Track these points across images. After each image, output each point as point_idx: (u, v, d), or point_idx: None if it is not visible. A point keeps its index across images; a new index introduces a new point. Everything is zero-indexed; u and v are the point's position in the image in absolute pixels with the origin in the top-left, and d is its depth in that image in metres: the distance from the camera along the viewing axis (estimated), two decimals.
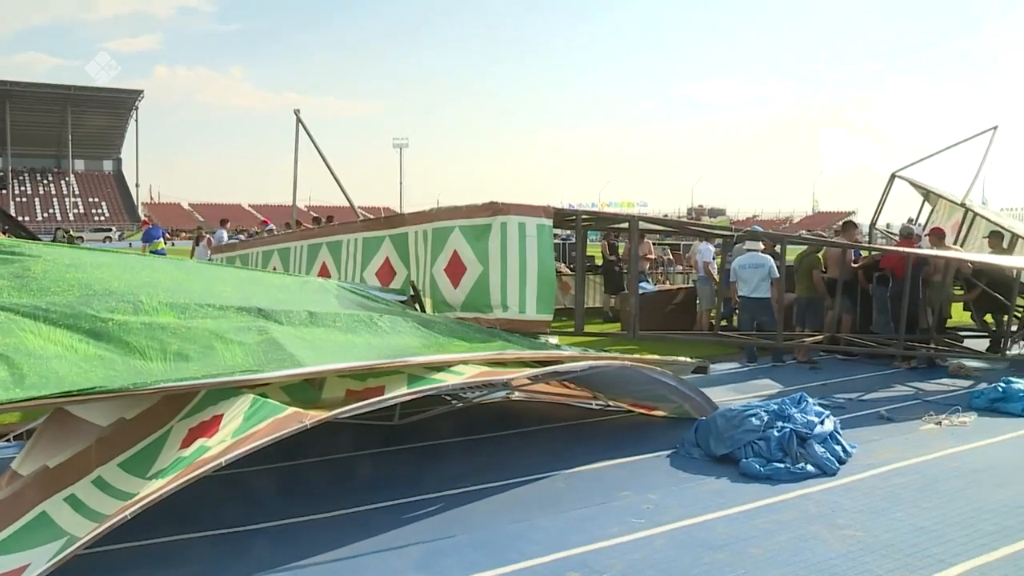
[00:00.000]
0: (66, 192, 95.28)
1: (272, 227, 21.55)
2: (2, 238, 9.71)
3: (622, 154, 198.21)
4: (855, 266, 11.61)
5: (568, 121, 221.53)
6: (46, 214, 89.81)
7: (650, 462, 6.66)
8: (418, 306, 8.68)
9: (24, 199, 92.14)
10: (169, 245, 25.55)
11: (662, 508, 5.55)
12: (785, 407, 6.75)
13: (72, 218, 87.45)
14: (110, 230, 76.71)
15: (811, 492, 5.86)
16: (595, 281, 17.10)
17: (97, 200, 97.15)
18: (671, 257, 22.21)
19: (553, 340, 8.86)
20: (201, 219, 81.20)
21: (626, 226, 12.40)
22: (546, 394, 8.56)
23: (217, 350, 5.48)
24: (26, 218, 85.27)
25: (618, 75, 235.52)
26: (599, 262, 17.38)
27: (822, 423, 6.65)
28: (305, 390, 5.88)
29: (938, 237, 11.75)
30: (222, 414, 4.86)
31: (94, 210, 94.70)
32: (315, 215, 24.34)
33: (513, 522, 5.28)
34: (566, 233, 19.30)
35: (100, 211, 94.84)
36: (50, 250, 6.44)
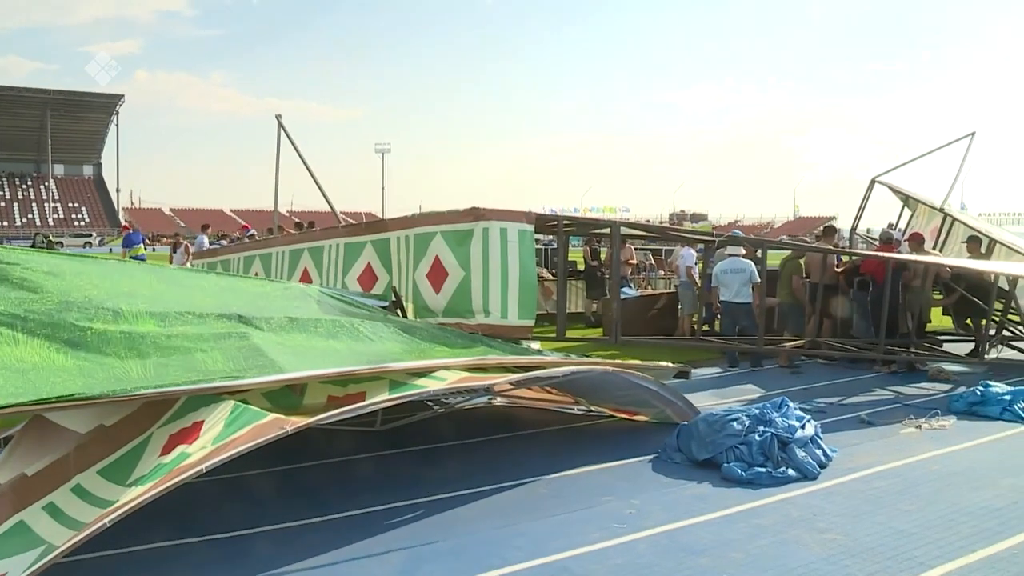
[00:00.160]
0: (45, 197, 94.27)
1: (253, 232, 21.40)
2: None
3: (605, 159, 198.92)
4: (837, 271, 11.69)
5: (551, 126, 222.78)
6: (25, 219, 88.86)
7: (632, 467, 6.67)
8: (400, 311, 8.68)
9: (3, 204, 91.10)
10: (149, 250, 25.39)
11: (644, 513, 5.56)
12: (766, 411, 6.79)
13: (52, 223, 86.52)
14: (90, 235, 75.97)
15: (792, 496, 5.89)
16: (577, 286, 17.13)
17: (77, 205, 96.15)
18: (653, 262, 22.33)
19: (535, 345, 8.88)
20: (182, 224, 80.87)
21: (608, 231, 12.46)
22: (528, 399, 8.56)
23: (197, 356, 5.44)
24: (5, 223, 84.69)
25: (601, 81, 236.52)
26: (581, 267, 17.42)
27: (803, 427, 6.68)
28: (286, 396, 5.85)
29: (917, 242, 11.86)
30: (203, 420, 4.82)
31: (74, 215, 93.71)
32: (297, 220, 24.26)
33: (495, 528, 5.27)
34: (548, 239, 19.32)
35: (80, 216, 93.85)
36: (28, 257, 6.38)
